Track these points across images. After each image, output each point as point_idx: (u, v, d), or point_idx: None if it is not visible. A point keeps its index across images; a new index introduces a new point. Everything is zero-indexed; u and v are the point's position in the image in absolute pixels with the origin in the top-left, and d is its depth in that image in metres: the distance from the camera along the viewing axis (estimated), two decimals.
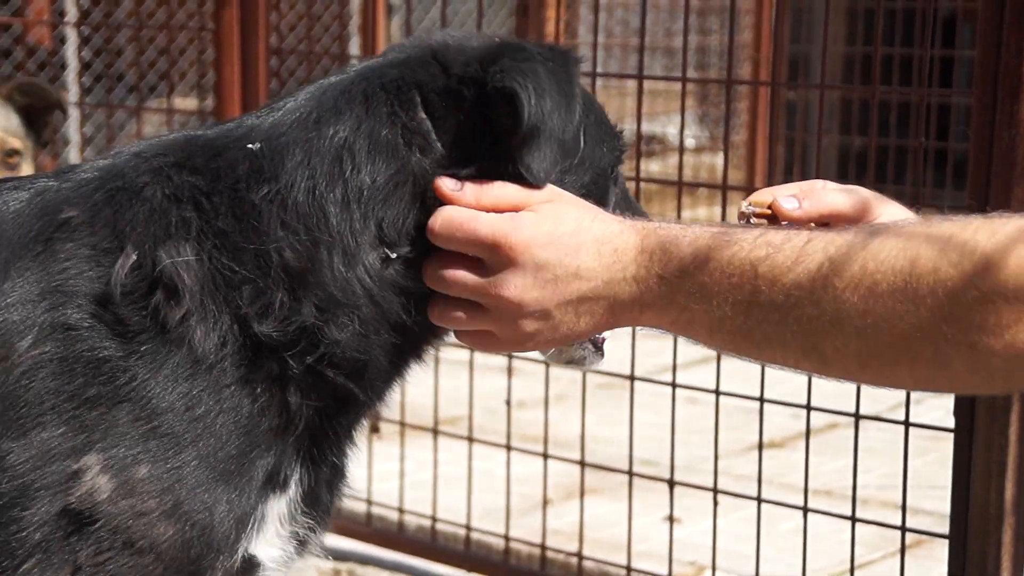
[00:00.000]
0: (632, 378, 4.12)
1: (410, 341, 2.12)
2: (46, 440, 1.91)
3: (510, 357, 4.36)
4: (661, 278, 1.98)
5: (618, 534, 4.30)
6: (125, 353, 1.95)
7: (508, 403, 4.51)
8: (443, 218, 2.04)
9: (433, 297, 2.08)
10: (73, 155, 8.13)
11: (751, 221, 2.20)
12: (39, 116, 4.38)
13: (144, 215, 2.01)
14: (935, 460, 4.86)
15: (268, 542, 2.04)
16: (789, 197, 2.18)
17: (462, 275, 2.04)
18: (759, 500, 3.91)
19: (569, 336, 2.07)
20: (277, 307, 2.00)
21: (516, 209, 2.05)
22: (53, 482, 1.91)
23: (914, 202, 2.40)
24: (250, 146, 2.07)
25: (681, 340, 2.14)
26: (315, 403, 2.04)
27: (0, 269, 1.97)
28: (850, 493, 3.81)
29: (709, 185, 7.96)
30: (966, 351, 1.79)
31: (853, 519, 3.79)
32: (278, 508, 2.04)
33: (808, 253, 1.89)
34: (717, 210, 6.31)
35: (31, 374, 1.93)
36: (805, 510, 3.86)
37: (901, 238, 1.84)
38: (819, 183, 2.24)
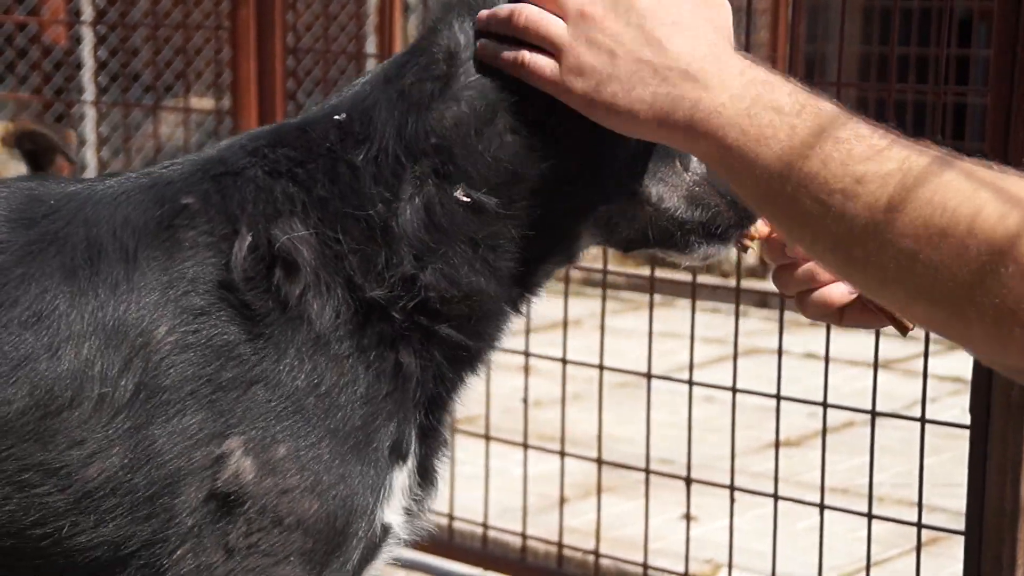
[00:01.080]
0: (649, 376, 4.13)
1: (511, 279, 2.09)
2: (189, 426, 1.95)
3: (527, 356, 4.36)
4: (755, 86, 1.85)
5: (635, 532, 4.31)
6: (253, 335, 1.98)
7: (525, 401, 4.53)
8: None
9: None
10: (89, 155, 8.16)
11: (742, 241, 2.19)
12: (45, 158, 4.43)
13: (251, 195, 2.05)
14: (951, 458, 4.86)
15: (395, 511, 2.08)
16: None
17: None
18: (775, 498, 3.91)
19: (628, 103, 1.91)
20: (382, 266, 2.02)
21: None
22: (199, 467, 1.95)
23: None
24: (336, 117, 2.09)
25: (699, 339, 2.10)
26: (427, 361, 2.07)
27: (130, 257, 2.01)
28: (866, 491, 3.81)
29: None
30: (990, 322, 1.74)
31: (869, 516, 3.79)
32: (401, 479, 2.08)
33: (885, 157, 1.78)
34: None
35: (170, 360, 1.96)
36: (822, 508, 3.86)
37: (973, 181, 1.78)
38: None
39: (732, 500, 4.03)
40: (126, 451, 1.94)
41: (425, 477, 2.15)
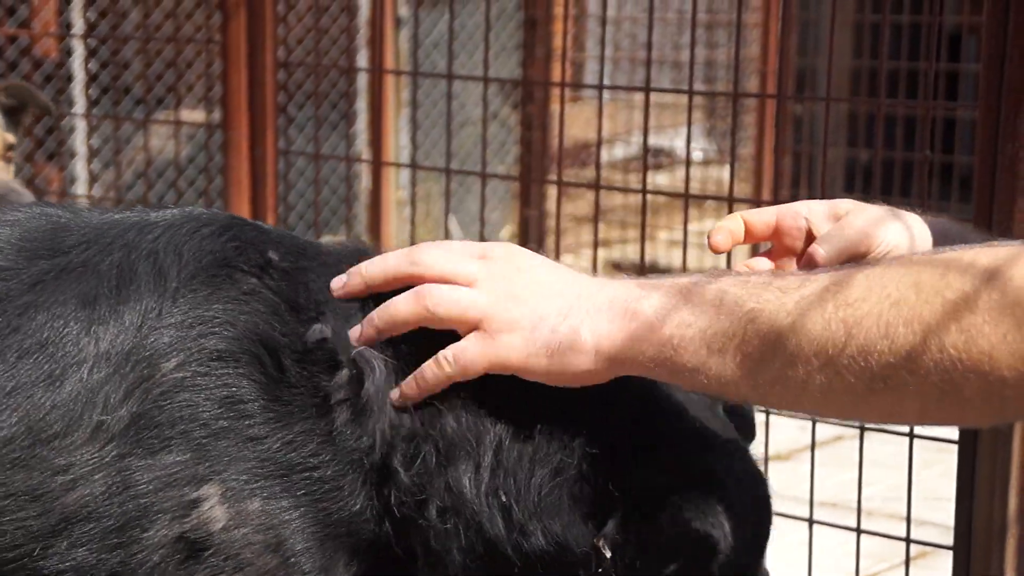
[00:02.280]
0: None
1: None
2: (170, 463, 1.93)
3: None
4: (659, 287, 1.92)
5: None
6: (269, 398, 1.96)
7: None
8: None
9: None
10: (80, 167, 8.15)
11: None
12: (17, 115, 4.46)
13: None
14: (940, 472, 4.86)
15: None
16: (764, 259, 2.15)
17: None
18: None
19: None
20: (420, 461, 2.01)
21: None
22: (172, 507, 1.93)
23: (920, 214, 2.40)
24: None
25: None
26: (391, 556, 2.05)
27: (168, 287, 1.97)
28: (855, 505, 3.82)
29: (716, 197, 7.97)
30: (974, 377, 1.76)
31: (859, 531, 3.80)
32: None
33: (810, 280, 1.85)
34: None
35: (169, 396, 1.94)
36: (811, 522, 3.87)
37: (903, 266, 1.82)
38: (793, 208, 2.21)
39: None
40: (108, 479, 1.92)
41: None
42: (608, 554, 1.97)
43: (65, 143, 8.05)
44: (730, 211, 4.20)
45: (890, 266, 1.80)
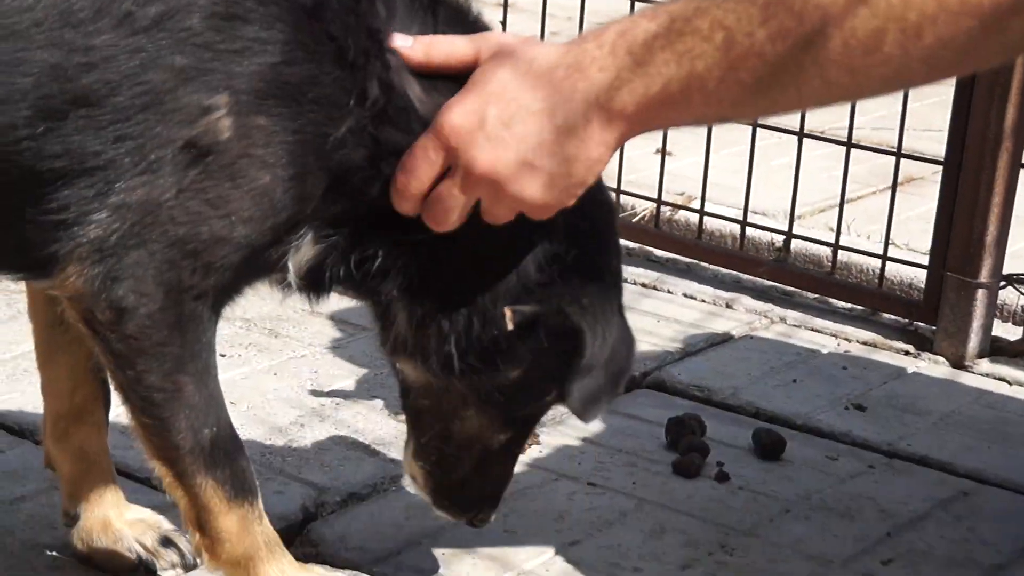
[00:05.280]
0: (632, 3, 4.05)
1: None
2: (187, 68, 1.94)
3: None
4: (629, 54, 1.89)
5: (609, 165, 4.28)
6: (303, 34, 1.99)
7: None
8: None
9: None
10: None
11: None
12: None
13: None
14: (935, 103, 4.84)
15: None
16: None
17: (439, 192, 2.00)
18: (754, 129, 3.88)
19: (583, 165, 1.95)
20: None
21: (467, 64, 2.00)
22: (184, 108, 1.95)
23: None
24: None
25: None
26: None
27: None
28: (844, 134, 3.79)
29: None
30: None
31: (848, 145, 3.77)
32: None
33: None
34: None
35: (201, 7, 1.95)
36: (800, 136, 3.84)
37: None
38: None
39: (709, 135, 4.00)
40: (126, 70, 1.93)
41: None
42: (510, 326, 2.11)
43: None
44: None
45: None
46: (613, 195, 4.16)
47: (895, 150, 3.73)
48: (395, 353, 2.24)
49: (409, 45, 2.04)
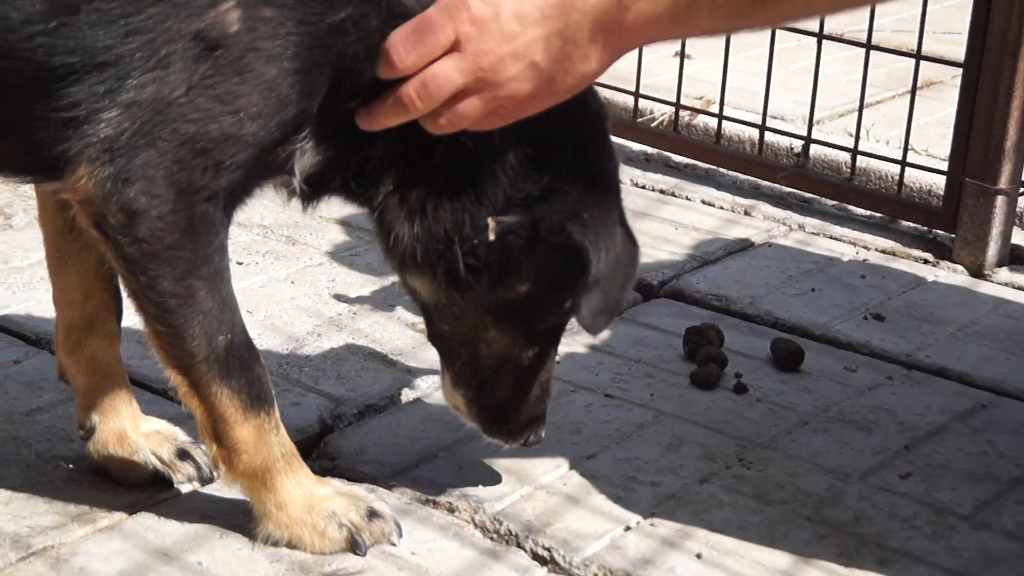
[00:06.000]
0: None
1: None
2: None
3: None
4: None
5: (626, 68, 4.24)
6: None
7: None
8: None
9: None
10: None
11: None
12: None
13: None
14: (956, 5, 4.78)
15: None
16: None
17: (436, 70, 1.99)
18: (772, 32, 3.83)
19: (578, 77, 1.99)
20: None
21: None
22: (196, 2, 1.95)
23: None
24: None
25: None
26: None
27: None
28: (864, 36, 3.74)
29: None
30: None
31: (868, 47, 3.72)
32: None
33: None
34: None
35: None
36: (820, 38, 3.79)
37: None
38: None
39: (728, 38, 3.95)
40: None
41: None
42: (492, 237, 2.12)
43: None
44: None
45: None
46: (631, 99, 4.14)
47: (915, 53, 3.68)
48: (402, 267, 2.24)
49: None
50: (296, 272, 3.26)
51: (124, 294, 2.19)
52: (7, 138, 2.03)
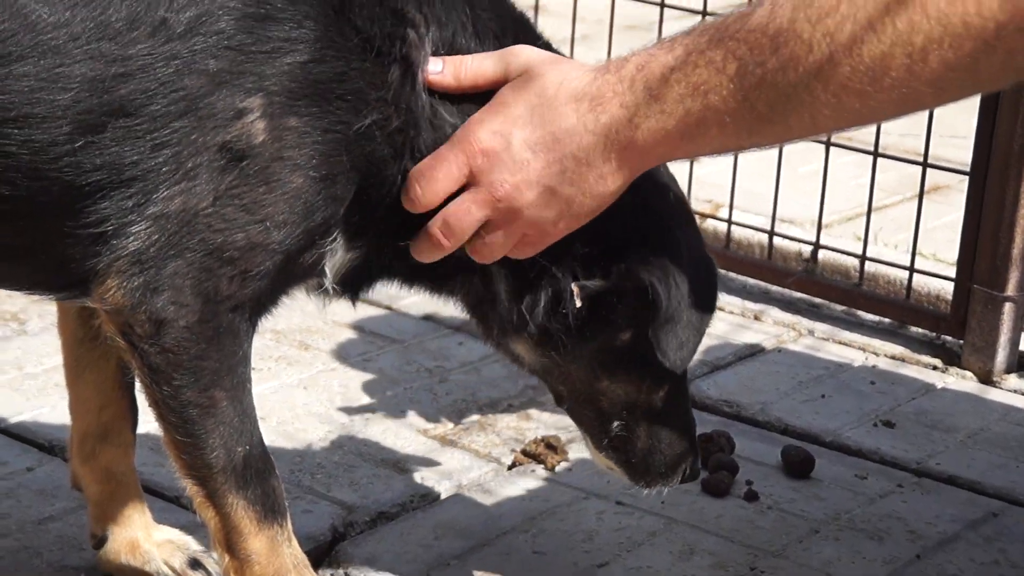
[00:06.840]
0: (662, 7, 4.04)
1: None
2: (220, 72, 1.96)
3: None
4: (647, 89, 1.94)
5: None
6: (330, 32, 2.02)
7: None
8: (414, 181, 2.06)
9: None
10: None
11: None
12: None
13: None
14: (960, 108, 4.79)
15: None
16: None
17: (455, 207, 2.03)
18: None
19: (597, 198, 2.01)
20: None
21: (495, 83, 2.04)
22: (219, 113, 1.97)
23: None
24: None
25: None
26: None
27: None
28: (871, 140, 3.77)
29: None
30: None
31: (875, 154, 3.75)
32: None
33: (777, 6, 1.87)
34: None
35: (231, 11, 1.97)
36: (828, 145, 3.82)
37: None
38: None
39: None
40: (162, 78, 1.95)
41: None
42: (578, 303, 2.15)
43: None
44: None
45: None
46: None
47: (922, 159, 3.71)
48: (501, 338, 2.25)
49: (439, 70, 2.06)
50: (308, 378, 3.28)
51: (140, 403, 2.20)
52: (36, 256, 2.05)
